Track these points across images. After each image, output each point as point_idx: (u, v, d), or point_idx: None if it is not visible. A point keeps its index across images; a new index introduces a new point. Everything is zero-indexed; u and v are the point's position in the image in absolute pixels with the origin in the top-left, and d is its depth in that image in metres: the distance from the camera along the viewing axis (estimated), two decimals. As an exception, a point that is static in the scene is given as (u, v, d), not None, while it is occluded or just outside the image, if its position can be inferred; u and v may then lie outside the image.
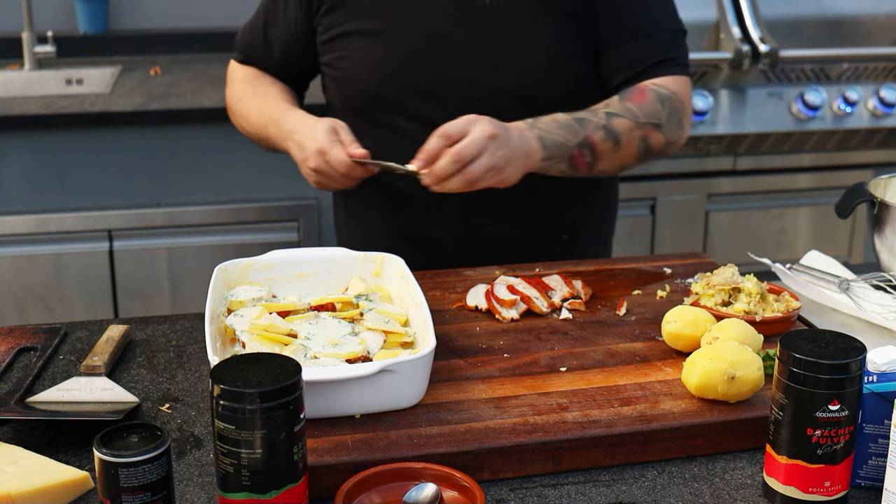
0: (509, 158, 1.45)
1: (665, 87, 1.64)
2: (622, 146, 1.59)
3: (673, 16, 1.70)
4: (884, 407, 1.06)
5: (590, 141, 1.56)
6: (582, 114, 1.57)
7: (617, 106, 1.60)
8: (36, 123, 2.62)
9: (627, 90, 1.63)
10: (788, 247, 3.07)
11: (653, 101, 1.62)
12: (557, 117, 1.56)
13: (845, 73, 2.93)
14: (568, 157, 1.55)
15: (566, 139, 1.54)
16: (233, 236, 2.76)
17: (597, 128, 1.56)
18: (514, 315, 1.44)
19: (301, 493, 1.00)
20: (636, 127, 1.59)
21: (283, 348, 1.23)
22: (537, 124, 1.53)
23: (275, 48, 1.77)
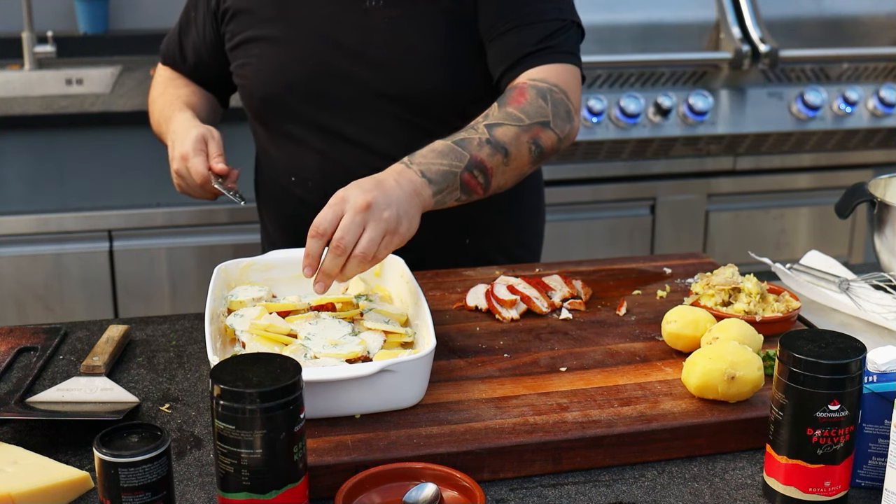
0: (398, 213, 1.31)
1: (544, 81, 1.54)
2: (512, 156, 1.47)
3: (561, 7, 1.62)
4: (884, 407, 1.06)
5: (477, 160, 1.43)
6: (461, 134, 1.45)
7: (497, 114, 1.49)
8: (36, 123, 2.62)
9: (505, 94, 1.53)
10: (788, 247, 3.07)
11: (534, 99, 1.51)
12: (435, 146, 1.43)
13: (845, 73, 2.93)
14: (460, 184, 1.42)
15: (451, 166, 1.41)
16: (233, 236, 2.76)
17: (480, 144, 1.44)
18: (514, 315, 1.44)
19: (301, 493, 1.00)
20: (522, 131, 1.48)
21: (283, 348, 1.23)
22: (414, 160, 1.40)
23: (188, 54, 1.83)
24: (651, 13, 2.82)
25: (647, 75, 2.78)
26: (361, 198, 1.28)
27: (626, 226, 2.95)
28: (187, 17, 1.81)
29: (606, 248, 2.88)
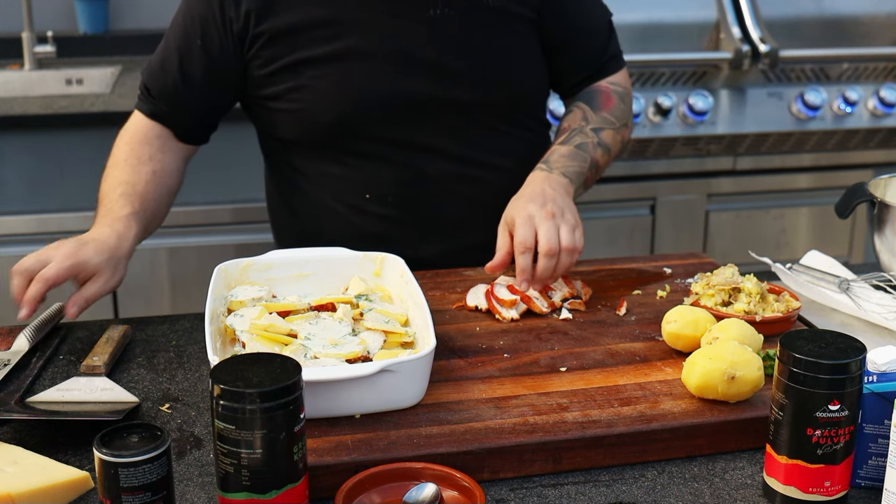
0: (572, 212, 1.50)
1: (619, 85, 1.75)
2: (612, 155, 1.71)
3: (604, 6, 1.78)
4: (884, 407, 1.06)
5: (595, 161, 1.65)
6: (576, 138, 1.65)
7: (596, 119, 1.69)
8: (36, 123, 2.61)
9: (593, 97, 1.72)
10: (788, 247, 3.07)
11: (618, 103, 1.73)
12: (562, 152, 1.62)
13: (845, 73, 2.93)
14: (583, 182, 1.63)
15: (580, 167, 1.62)
16: (233, 236, 2.76)
17: (595, 147, 1.65)
18: (514, 315, 1.44)
19: (301, 493, 1.00)
20: (616, 133, 1.71)
21: (283, 348, 1.23)
22: (552, 166, 1.59)
23: (194, 84, 1.65)
24: (651, 13, 2.82)
25: (647, 75, 2.78)
26: (543, 211, 1.47)
27: (626, 226, 2.95)
28: (189, 46, 1.64)
29: (606, 248, 2.88)
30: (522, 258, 1.44)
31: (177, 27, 1.67)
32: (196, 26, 1.63)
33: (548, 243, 1.43)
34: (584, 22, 1.73)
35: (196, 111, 1.70)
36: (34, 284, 1.40)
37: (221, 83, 1.67)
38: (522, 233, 1.44)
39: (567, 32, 1.71)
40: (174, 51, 1.66)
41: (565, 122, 1.71)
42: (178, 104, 1.68)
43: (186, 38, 1.65)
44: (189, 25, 1.64)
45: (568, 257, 1.45)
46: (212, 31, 1.62)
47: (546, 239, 1.43)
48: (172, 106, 1.67)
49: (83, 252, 1.44)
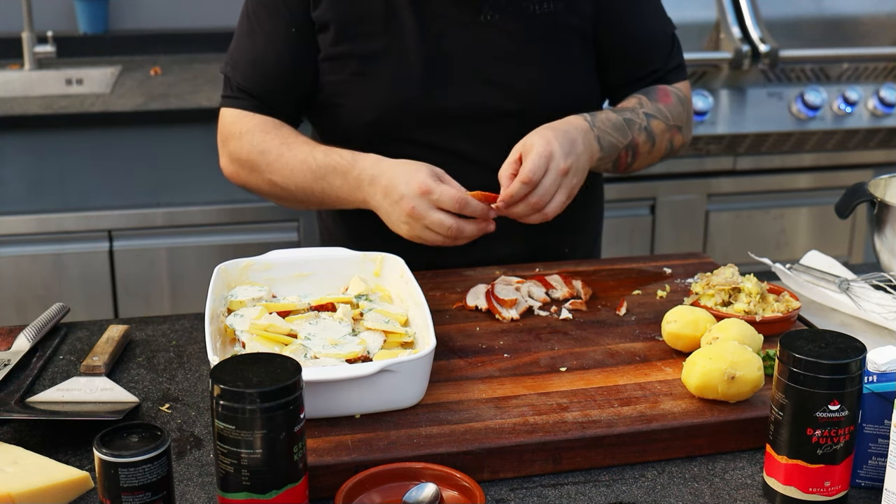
0: (579, 179, 1.47)
1: (680, 91, 1.71)
2: (656, 148, 1.64)
3: (668, 19, 1.73)
4: (884, 407, 1.06)
5: (634, 142, 1.59)
6: (628, 114, 1.59)
7: (651, 107, 1.63)
8: (36, 123, 2.62)
9: (652, 90, 1.67)
10: (788, 247, 3.07)
11: (676, 104, 1.67)
12: (610, 116, 1.57)
13: (845, 73, 2.93)
14: (615, 158, 1.58)
15: (618, 140, 1.56)
16: (233, 236, 2.76)
17: (640, 129, 1.59)
18: (514, 315, 1.44)
19: (301, 493, 1.00)
20: (667, 129, 1.64)
21: (283, 348, 1.23)
22: (596, 123, 1.53)
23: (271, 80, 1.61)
24: (651, 13, 2.83)
25: (647, 75, 2.78)
26: (564, 162, 1.42)
27: (626, 226, 2.95)
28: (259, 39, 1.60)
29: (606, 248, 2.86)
30: (522, 186, 1.40)
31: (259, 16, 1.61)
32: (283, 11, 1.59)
33: (542, 197, 1.41)
34: (643, 34, 1.68)
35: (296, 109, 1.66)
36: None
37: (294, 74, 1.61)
38: (537, 165, 1.40)
39: (623, 46, 1.67)
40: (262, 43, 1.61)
41: (620, 104, 1.66)
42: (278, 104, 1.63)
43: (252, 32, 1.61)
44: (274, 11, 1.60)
45: (539, 219, 1.43)
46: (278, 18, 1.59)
47: (543, 193, 1.41)
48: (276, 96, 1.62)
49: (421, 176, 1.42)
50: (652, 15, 1.71)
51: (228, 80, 1.65)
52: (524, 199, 1.41)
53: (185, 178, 2.73)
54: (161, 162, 2.71)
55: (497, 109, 1.60)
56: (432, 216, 1.41)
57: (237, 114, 1.63)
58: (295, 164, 1.55)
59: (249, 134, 1.60)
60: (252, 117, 1.62)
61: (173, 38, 3.31)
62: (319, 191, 1.55)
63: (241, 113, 1.62)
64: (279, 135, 1.59)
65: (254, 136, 1.59)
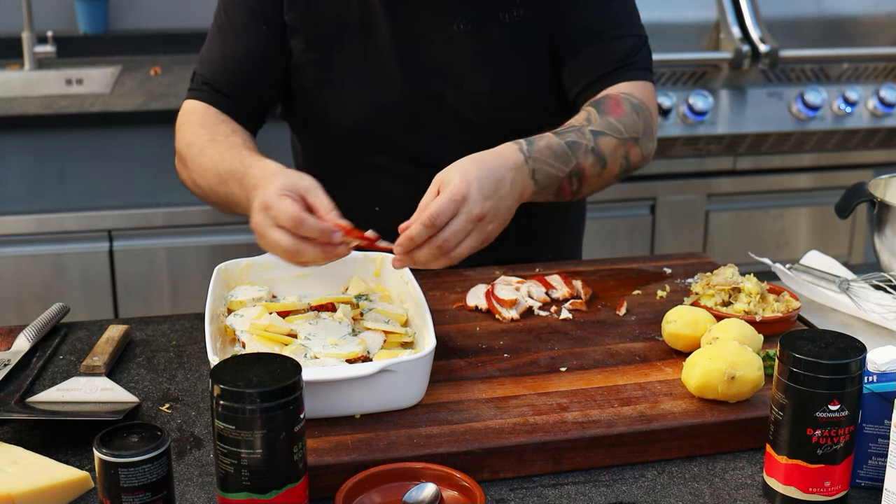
0: (498, 225, 1.32)
1: (634, 96, 1.55)
2: (607, 169, 1.50)
3: (637, 23, 1.63)
4: (884, 407, 1.06)
5: (580, 168, 1.45)
6: (571, 135, 1.45)
7: (599, 122, 1.49)
8: (36, 123, 2.62)
9: (602, 101, 1.53)
10: (788, 247, 3.07)
11: (630, 113, 1.52)
12: (552, 143, 1.42)
13: (845, 73, 2.93)
14: (556, 188, 1.44)
15: (559, 170, 1.42)
16: (233, 236, 2.76)
17: (587, 152, 1.45)
18: (514, 315, 1.44)
19: (301, 493, 1.00)
20: (619, 144, 1.49)
21: (283, 348, 1.23)
22: (532, 154, 1.39)
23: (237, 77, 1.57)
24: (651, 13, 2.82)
25: (647, 75, 2.78)
26: (478, 208, 1.27)
27: (626, 226, 2.95)
28: (229, 36, 1.58)
29: (606, 248, 2.88)
30: (422, 229, 1.25)
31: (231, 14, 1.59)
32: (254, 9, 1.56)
33: (446, 241, 1.25)
34: (598, 29, 1.59)
35: (254, 107, 1.60)
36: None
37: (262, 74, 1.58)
38: (442, 208, 1.25)
39: (571, 38, 1.59)
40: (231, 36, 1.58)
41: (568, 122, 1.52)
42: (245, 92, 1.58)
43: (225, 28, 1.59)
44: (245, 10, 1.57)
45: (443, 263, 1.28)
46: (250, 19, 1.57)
47: (449, 237, 1.25)
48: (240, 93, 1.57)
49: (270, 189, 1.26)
50: (610, 10, 1.61)
51: (195, 75, 1.61)
52: (427, 242, 1.26)
53: (185, 178, 2.72)
54: (161, 162, 2.70)
55: (471, 118, 1.60)
56: (270, 233, 1.25)
57: (192, 104, 1.58)
58: (208, 165, 1.47)
59: (186, 124, 1.54)
60: (199, 107, 1.56)
61: (173, 38, 3.31)
62: (224, 196, 1.45)
63: (196, 103, 1.57)
64: (212, 130, 1.51)
65: (189, 127, 1.53)
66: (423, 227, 1.24)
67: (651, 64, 1.63)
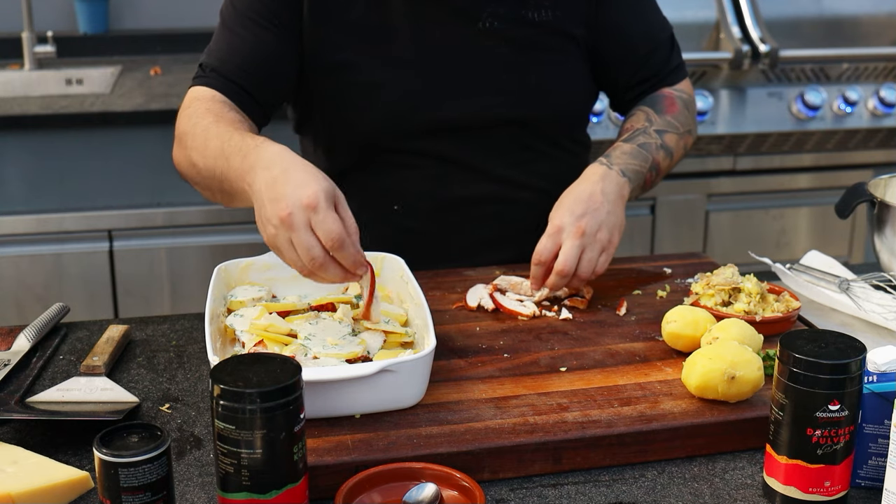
0: (609, 230, 1.47)
1: (683, 92, 1.72)
2: (673, 158, 1.66)
3: (665, 21, 1.74)
4: (884, 407, 1.06)
5: (656, 162, 1.61)
6: (640, 138, 1.61)
7: (660, 122, 1.64)
8: (36, 123, 2.62)
9: (657, 101, 1.68)
10: (788, 247, 3.07)
11: (682, 109, 1.68)
12: (625, 149, 1.58)
13: (845, 73, 2.93)
14: (642, 182, 1.59)
15: (640, 166, 1.57)
16: (233, 236, 2.76)
17: (657, 148, 1.61)
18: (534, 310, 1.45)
19: (301, 493, 1.00)
20: (679, 138, 1.66)
21: (283, 348, 1.23)
22: (612, 161, 1.54)
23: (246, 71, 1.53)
24: (651, 13, 2.83)
25: (647, 75, 2.78)
26: (575, 226, 1.44)
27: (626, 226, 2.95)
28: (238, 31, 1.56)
29: (606, 248, 2.87)
30: (536, 268, 1.45)
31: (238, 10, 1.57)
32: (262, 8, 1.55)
33: (563, 264, 1.43)
34: (643, 38, 1.69)
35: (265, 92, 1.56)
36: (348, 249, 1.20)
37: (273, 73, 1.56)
38: (544, 245, 1.44)
39: (623, 51, 1.67)
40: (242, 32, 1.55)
41: (628, 122, 1.66)
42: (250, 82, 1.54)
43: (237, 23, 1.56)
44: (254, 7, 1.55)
45: (577, 283, 1.46)
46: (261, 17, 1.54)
47: (564, 258, 1.43)
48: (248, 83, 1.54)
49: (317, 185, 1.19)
50: (650, 18, 1.71)
51: (202, 65, 1.56)
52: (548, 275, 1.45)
53: (185, 178, 2.72)
54: (161, 162, 2.70)
55: (495, 117, 1.60)
56: (303, 236, 1.18)
57: (199, 90, 1.52)
58: (212, 140, 1.38)
59: (192, 108, 1.47)
60: (207, 92, 1.50)
61: (173, 38, 3.31)
62: (220, 172, 1.35)
63: (203, 89, 1.51)
64: (218, 114, 1.44)
65: (195, 111, 1.46)
66: (536, 266, 1.45)
67: (681, 56, 1.75)
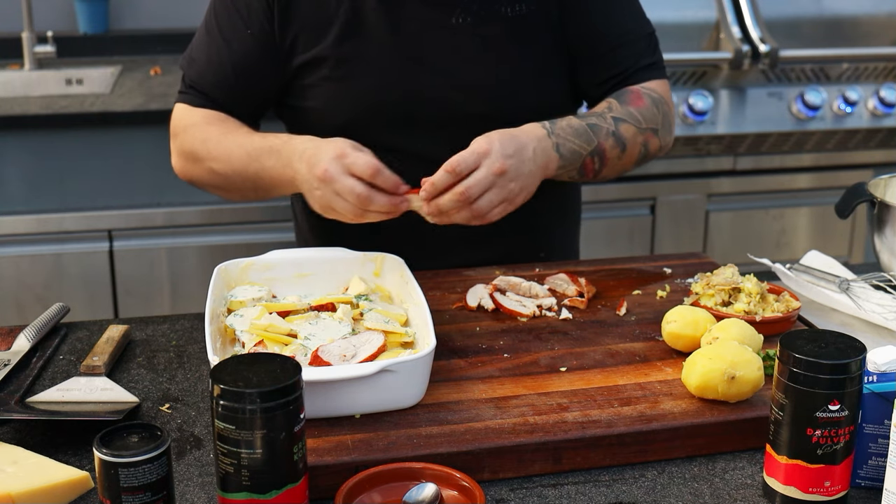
0: (522, 186, 1.40)
1: (654, 91, 1.64)
2: (627, 153, 1.58)
3: (645, 20, 1.69)
4: (884, 407, 1.06)
5: (601, 148, 1.53)
6: (593, 119, 1.54)
7: (620, 110, 1.57)
8: (36, 123, 2.62)
9: (623, 93, 1.61)
10: (788, 247, 3.07)
11: (650, 106, 1.61)
12: (572, 122, 1.51)
13: (845, 73, 2.93)
14: (580, 166, 1.52)
15: (581, 147, 1.50)
16: (233, 236, 2.76)
17: (607, 134, 1.54)
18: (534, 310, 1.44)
19: (301, 493, 1.00)
20: (639, 132, 1.58)
21: (283, 348, 1.23)
22: (555, 130, 1.48)
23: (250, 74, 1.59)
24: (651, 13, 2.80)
25: (647, 75, 2.78)
26: (500, 162, 1.36)
27: (626, 226, 2.95)
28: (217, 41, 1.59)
29: (606, 248, 2.88)
30: (444, 175, 1.34)
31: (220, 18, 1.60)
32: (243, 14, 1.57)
33: (468, 188, 1.34)
34: (611, 32, 1.64)
35: (251, 101, 1.63)
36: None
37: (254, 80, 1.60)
38: (464, 157, 1.35)
39: (589, 43, 1.64)
40: (221, 43, 1.59)
41: (589, 110, 1.61)
42: (234, 96, 1.61)
43: (214, 34, 1.60)
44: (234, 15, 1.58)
45: (466, 216, 1.36)
46: (241, 24, 1.58)
47: (472, 185, 1.34)
48: (229, 97, 1.60)
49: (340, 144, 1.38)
50: (622, 13, 1.67)
51: (184, 76, 1.63)
52: (450, 188, 1.35)
53: (185, 178, 2.73)
54: (161, 162, 2.68)
55: (469, 112, 1.59)
56: (344, 181, 1.34)
57: (186, 108, 1.61)
58: (233, 149, 1.53)
59: (194, 126, 1.59)
60: (198, 111, 1.60)
61: (173, 38, 3.31)
62: (253, 174, 1.50)
63: (189, 108, 1.61)
64: (222, 125, 1.57)
65: (198, 128, 1.58)
66: (445, 174, 1.34)
67: (662, 58, 1.70)
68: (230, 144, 1.53)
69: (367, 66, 1.57)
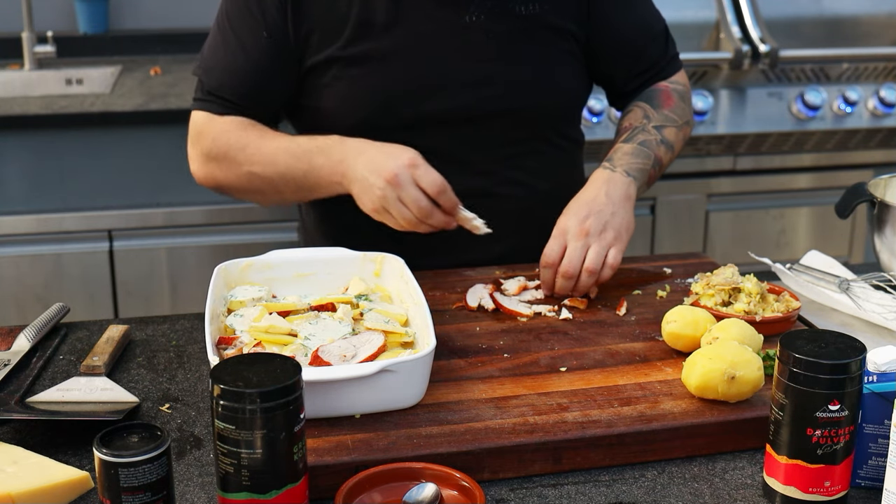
0: (616, 227, 1.49)
1: (679, 83, 1.74)
2: (674, 151, 1.69)
3: (658, 14, 1.76)
4: (884, 407, 1.06)
5: (658, 158, 1.63)
6: (639, 136, 1.63)
7: (657, 117, 1.66)
8: (36, 123, 2.62)
9: (653, 96, 1.70)
10: (788, 247, 3.07)
11: (679, 102, 1.71)
12: (625, 149, 1.60)
13: (845, 73, 2.93)
14: (647, 179, 1.62)
15: (643, 164, 1.60)
16: (233, 236, 2.76)
17: (658, 144, 1.63)
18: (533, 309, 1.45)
19: (301, 493, 1.00)
20: (678, 130, 1.69)
21: (283, 348, 1.23)
22: (615, 163, 1.57)
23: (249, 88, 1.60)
24: (651, 13, 2.83)
25: (647, 75, 2.78)
26: (578, 228, 1.47)
27: (626, 226, 2.95)
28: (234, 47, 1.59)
29: (606, 248, 2.87)
30: (544, 271, 1.48)
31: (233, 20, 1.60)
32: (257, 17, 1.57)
33: (568, 264, 1.45)
34: (638, 31, 1.71)
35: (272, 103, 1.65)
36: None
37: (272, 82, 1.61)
38: (550, 247, 1.47)
39: (619, 44, 1.69)
40: (238, 50, 1.60)
41: (626, 121, 1.68)
42: (255, 100, 1.62)
43: (230, 39, 1.60)
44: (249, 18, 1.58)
45: (588, 278, 1.46)
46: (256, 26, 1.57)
47: (568, 259, 1.46)
48: (250, 102, 1.62)
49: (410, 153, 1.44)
50: (642, 10, 1.73)
51: (201, 83, 1.63)
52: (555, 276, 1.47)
53: (185, 178, 2.69)
54: (161, 162, 2.70)
55: (481, 110, 1.60)
56: (410, 190, 1.41)
57: (208, 116, 1.62)
58: (277, 152, 1.55)
59: (226, 133, 1.59)
60: (225, 119, 1.61)
61: (173, 38, 3.31)
62: (300, 174, 1.53)
63: (212, 116, 1.62)
64: (256, 130, 1.59)
65: (231, 135, 1.59)
66: (544, 269, 1.48)
67: (676, 47, 1.77)
68: (272, 148, 1.56)
69: (380, 66, 1.57)
